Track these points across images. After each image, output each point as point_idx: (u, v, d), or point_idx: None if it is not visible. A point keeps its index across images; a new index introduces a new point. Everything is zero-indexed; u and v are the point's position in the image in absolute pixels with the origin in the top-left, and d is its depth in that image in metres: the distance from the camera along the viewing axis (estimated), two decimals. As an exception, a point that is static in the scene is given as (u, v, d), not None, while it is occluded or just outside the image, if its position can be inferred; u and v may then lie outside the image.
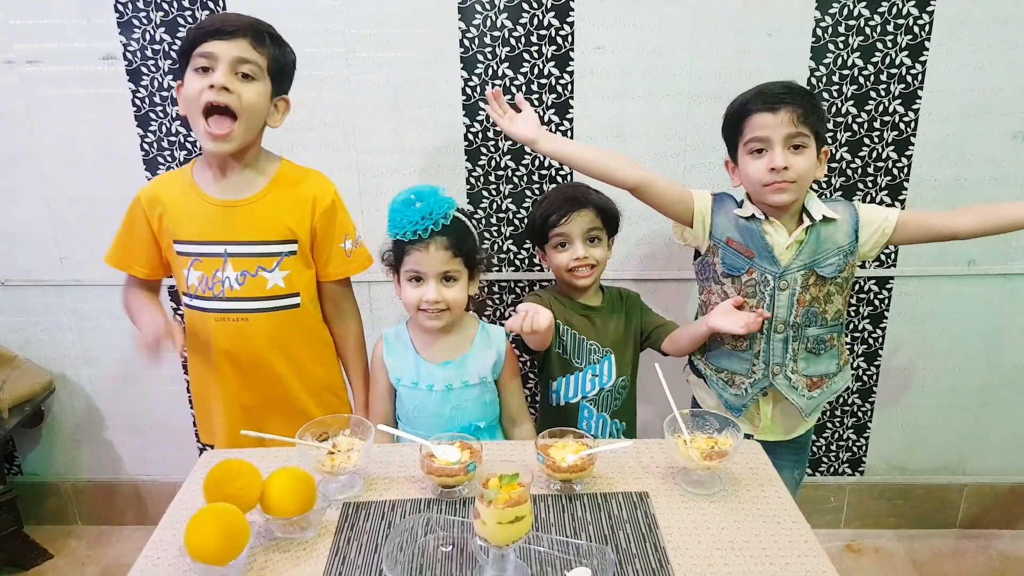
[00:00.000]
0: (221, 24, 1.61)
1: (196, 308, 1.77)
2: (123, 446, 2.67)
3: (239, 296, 1.73)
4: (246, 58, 1.61)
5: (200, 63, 1.60)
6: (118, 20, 2.16)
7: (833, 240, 1.78)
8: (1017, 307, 2.40)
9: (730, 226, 1.81)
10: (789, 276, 1.77)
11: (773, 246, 1.77)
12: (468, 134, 2.24)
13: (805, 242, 1.77)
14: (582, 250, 1.89)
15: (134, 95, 2.23)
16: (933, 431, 2.56)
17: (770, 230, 1.78)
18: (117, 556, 2.61)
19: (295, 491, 1.34)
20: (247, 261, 1.72)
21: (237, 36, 1.60)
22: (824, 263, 1.77)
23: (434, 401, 1.77)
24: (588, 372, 1.96)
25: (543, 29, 2.14)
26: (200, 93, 1.60)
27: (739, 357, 1.86)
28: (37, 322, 2.51)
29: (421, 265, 1.70)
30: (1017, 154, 2.23)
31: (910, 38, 2.13)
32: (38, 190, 2.34)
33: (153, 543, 1.37)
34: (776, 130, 1.70)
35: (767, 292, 1.78)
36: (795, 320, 1.79)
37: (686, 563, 1.29)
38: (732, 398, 1.89)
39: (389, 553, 1.29)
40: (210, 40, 1.59)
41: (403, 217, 1.68)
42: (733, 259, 1.80)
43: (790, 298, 1.78)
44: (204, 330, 1.77)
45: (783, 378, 1.83)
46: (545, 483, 1.50)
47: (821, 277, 1.78)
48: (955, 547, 2.59)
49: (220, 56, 1.59)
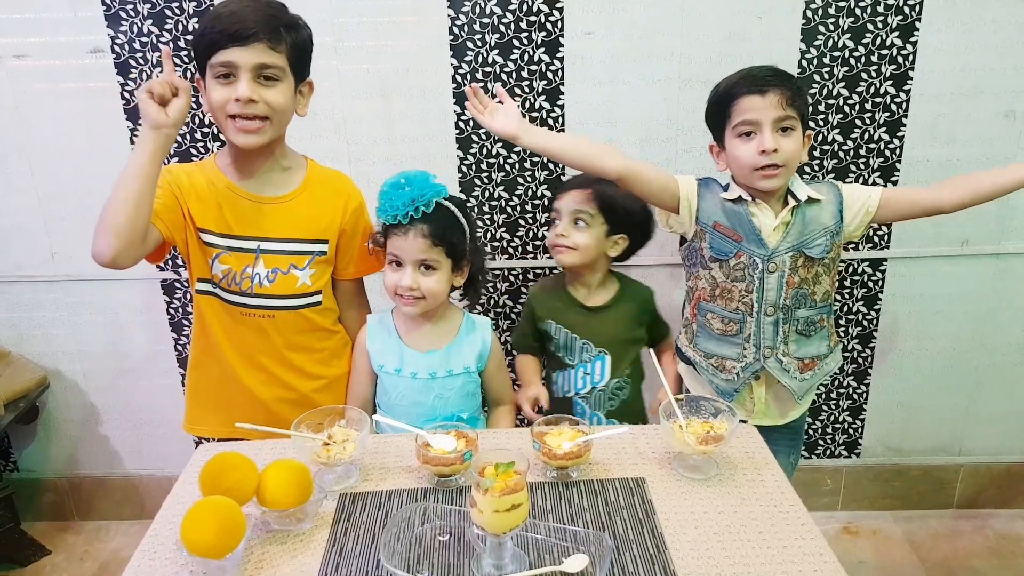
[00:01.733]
0: (237, 28, 1.54)
1: (219, 297, 1.75)
2: (118, 441, 2.67)
3: (268, 293, 1.73)
4: (267, 63, 1.58)
5: (221, 71, 1.57)
6: (105, 13, 2.14)
7: (819, 221, 1.78)
8: (1011, 287, 2.41)
9: (716, 210, 1.80)
10: (777, 258, 1.77)
11: (760, 228, 1.77)
12: (459, 122, 2.23)
13: (792, 223, 1.77)
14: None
15: (123, 88, 2.22)
16: (928, 412, 2.57)
17: (757, 212, 1.78)
18: (115, 551, 2.61)
19: (291, 483, 1.34)
20: (280, 259, 1.72)
21: (254, 40, 1.55)
22: (812, 244, 1.77)
23: (416, 389, 1.76)
24: (580, 370, 1.96)
25: (532, 15, 2.13)
26: (226, 103, 1.58)
27: (729, 341, 1.85)
28: (30, 318, 2.50)
29: (399, 250, 1.70)
30: (1008, 134, 2.23)
31: (900, 19, 2.13)
32: (28, 185, 2.33)
33: (150, 537, 1.37)
34: (765, 112, 1.69)
35: (755, 275, 1.78)
36: (784, 302, 1.79)
37: (684, 548, 1.29)
38: (723, 383, 1.89)
39: (386, 543, 1.28)
40: (228, 47, 1.55)
41: (388, 200, 1.68)
42: (721, 243, 1.80)
43: (779, 280, 1.78)
44: (222, 321, 1.76)
45: (775, 361, 1.83)
46: (541, 470, 1.50)
47: (809, 258, 1.78)
48: (952, 527, 2.60)
49: (240, 65, 1.56)
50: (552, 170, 2.27)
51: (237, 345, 1.77)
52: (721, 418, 1.51)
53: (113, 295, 2.45)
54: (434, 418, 1.74)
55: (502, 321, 2.44)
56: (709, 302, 1.86)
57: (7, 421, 2.34)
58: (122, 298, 2.45)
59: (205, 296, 1.76)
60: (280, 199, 1.72)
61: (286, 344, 1.78)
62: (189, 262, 1.75)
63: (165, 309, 2.45)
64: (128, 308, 2.46)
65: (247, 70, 1.56)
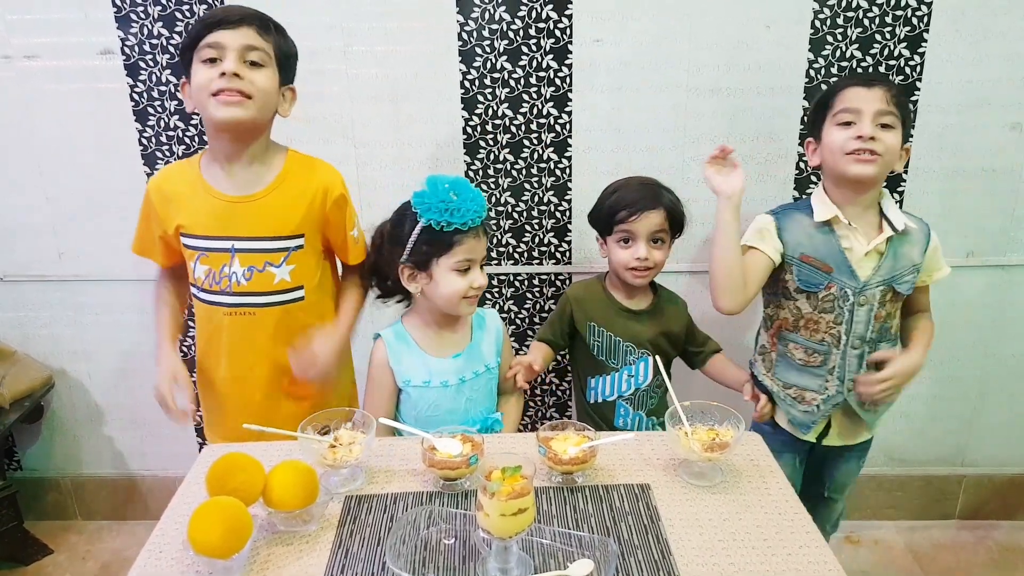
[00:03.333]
0: (225, 15, 1.62)
1: (205, 301, 1.77)
2: (123, 441, 2.67)
3: (246, 291, 1.73)
4: (254, 45, 1.62)
5: (208, 54, 1.60)
6: (116, 14, 2.15)
7: (909, 257, 1.79)
8: (1016, 298, 2.40)
9: (804, 240, 1.78)
10: (868, 292, 1.75)
11: (851, 258, 1.75)
12: (467, 127, 2.24)
13: (885, 256, 1.76)
14: (644, 251, 1.87)
15: (132, 90, 2.23)
16: (932, 422, 2.57)
17: (848, 236, 1.76)
18: (117, 551, 2.61)
19: (297, 485, 1.35)
20: (254, 257, 1.72)
21: (243, 25, 1.61)
22: (901, 280, 1.77)
23: (449, 396, 1.75)
24: (624, 372, 1.96)
25: (541, 22, 2.14)
26: (210, 81, 1.60)
27: (812, 373, 1.84)
28: (36, 317, 2.50)
29: (474, 252, 1.69)
30: (1015, 145, 2.23)
31: (908, 29, 2.13)
32: (37, 185, 2.33)
33: (156, 537, 1.37)
34: (868, 104, 1.70)
35: (846, 307, 1.76)
36: (871, 335, 1.78)
37: (688, 555, 1.29)
38: (801, 415, 1.87)
39: (392, 546, 1.29)
40: (216, 30, 1.59)
41: (453, 206, 1.63)
42: (809, 275, 1.77)
43: (868, 314, 1.76)
44: (214, 323, 1.77)
45: (855, 394, 1.83)
46: (547, 475, 1.50)
47: (897, 293, 1.77)
48: (954, 538, 2.60)
49: (228, 45, 1.59)
50: (559, 176, 2.27)
51: (230, 346, 1.78)
52: (726, 425, 1.52)
53: (119, 295, 2.45)
54: (467, 421, 1.74)
55: (507, 326, 2.44)
56: (792, 332, 1.85)
57: (12, 420, 2.35)
58: (128, 298, 2.45)
59: (198, 302, 1.79)
60: (251, 197, 1.71)
61: (273, 340, 1.77)
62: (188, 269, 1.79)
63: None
64: (134, 308, 2.46)
65: (234, 49, 1.60)
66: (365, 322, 1.93)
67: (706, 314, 2.03)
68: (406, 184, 2.27)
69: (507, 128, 2.23)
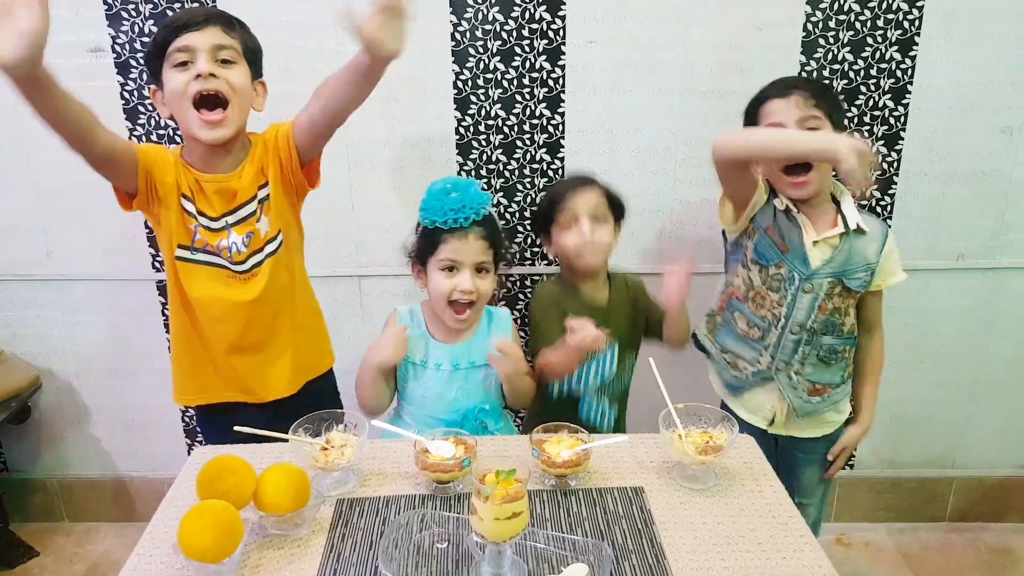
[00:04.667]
0: (190, 16, 1.61)
1: (202, 263, 1.73)
2: (110, 442, 2.65)
3: (245, 257, 1.73)
4: (223, 44, 1.62)
5: (179, 58, 1.60)
6: (106, 12, 2.14)
7: (863, 254, 1.78)
8: (1005, 301, 2.41)
9: (770, 215, 1.79)
10: (815, 280, 1.76)
11: (806, 244, 1.75)
12: (459, 128, 2.23)
13: (838, 250, 1.76)
14: (587, 226, 1.85)
15: (123, 88, 2.21)
16: (922, 425, 2.58)
17: (806, 224, 1.77)
18: (104, 553, 2.59)
19: (289, 488, 1.34)
20: (246, 225, 1.72)
21: (209, 24, 1.61)
22: (852, 275, 1.77)
23: (440, 381, 1.76)
24: (593, 364, 1.96)
25: (535, 23, 2.13)
26: (186, 85, 1.59)
27: (749, 344, 1.86)
28: (24, 317, 2.48)
29: (458, 254, 1.70)
30: (1006, 148, 2.24)
31: (900, 33, 2.14)
32: (25, 183, 2.31)
33: (146, 540, 1.36)
34: (788, 113, 1.70)
35: (790, 290, 1.77)
36: (812, 325, 1.79)
37: (683, 558, 1.29)
38: (731, 379, 1.91)
39: (384, 550, 1.28)
40: (183, 33, 1.59)
41: (442, 204, 1.69)
42: (766, 248, 1.79)
43: (812, 302, 1.77)
44: (209, 287, 1.74)
45: (785, 376, 1.84)
46: (540, 478, 1.49)
47: (847, 288, 1.78)
48: (944, 540, 2.61)
49: (198, 46, 1.59)
50: (551, 178, 2.27)
51: (228, 307, 1.75)
52: (720, 428, 1.52)
53: (108, 295, 2.44)
54: (457, 410, 1.75)
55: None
56: (741, 302, 1.87)
57: (-2, 421, 2.33)
58: (117, 298, 2.44)
59: (190, 264, 1.73)
60: (234, 175, 1.71)
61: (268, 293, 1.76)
62: (167, 227, 1.71)
63: (160, 310, 2.44)
64: (123, 309, 2.44)
65: (204, 50, 1.59)
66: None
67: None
68: (399, 184, 2.28)
69: (500, 129, 2.23)
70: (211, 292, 1.74)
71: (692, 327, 2.00)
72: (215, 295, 1.74)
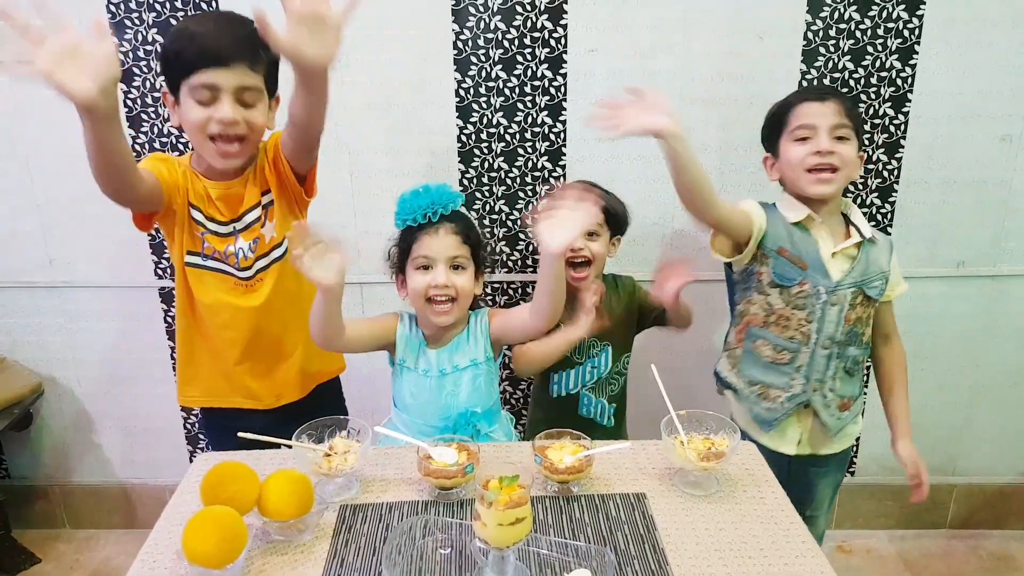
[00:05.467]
0: (218, 49, 1.55)
1: (210, 269, 1.74)
2: (112, 449, 2.65)
3: (251, 263, 1.74)
4: (248, 85, 1.59)
5: (202, 95, 1.56)
6: (110, 20, 2.15)
7: (878, 263, 1.81)
8: (1005, 308, 2.42)
9: (783, 234, 1.78)
10: (840, 292, 1.76)
11: (824, 257, 1.76)
12: (461, 136, 2.24)
13: (857, 259, 1.77)
14: (580, 243, 1.88)
15: (126, 96, 2.22)
16: (923, 431, 2.56)
17: (821, 238, 1.77)
18: (105, 560, 2.59)
19: (292, 494, 1.34)
20: (252, 230, 1.73)
21: (236, 61, 1.55)
22: (871, 284, 1.79)
23: (429, 387, 1.75)
24: (588, 365, 1.97)
25: (536, 31, 2.15)
26: (206, 123, 1.58)
27: (778, 370, 1.83)
28: (26, 324, 2.49)
29: (431, 250, 1.69)
30: (1005, 156, 2.25)
31: (900, 41, 2.15)
32: (27, 191, 2.32)
33: (149, 546, 1.35)
34: (823, 118, 1.72)
35: (818, 305, 1.76)
36: (840, 337, 1.78)
37: (685, 564, 1.29)
38: (764, 412, 1.86)
39: (387, 555, 1.28)
40: (208, 69, 1.54)
41: (412, 203, 1.70)
42: (785, 269, 1.77)
43: (839, 314, 1.77)
44: (216, 293, 1.75)
45: (820, 396, 1.82)
46: (542, 484, 1.50)
47: (867, 297, 1.78)
48: (945, 547, 2.61)
49: (222, 87, 1.56)
50: (553, 185, 2.28)
51: (236, 313, 1.76)
52: (722, 434, 1.52)
53: (110, 302, 2.44)
54: (448, 416, 1.74)
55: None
56: (762, 328, 1.84)
57: (0, 428, 2.33)
58: (119, 306, 2.44)
59: (200, 270, 1.75)
60: (239, 182, 1.72)
61: (273, 300, 1.77)
62: (178, 235, 1.72)
63: (163, 317, 2.44)
64: (125, 316, 2.45)
65: (228, 92, 1.56)
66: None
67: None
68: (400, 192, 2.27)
69: (501, 137, 2.24)
70: (218, 298, 1.75)
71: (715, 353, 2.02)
72: (222, 301, 1.74)
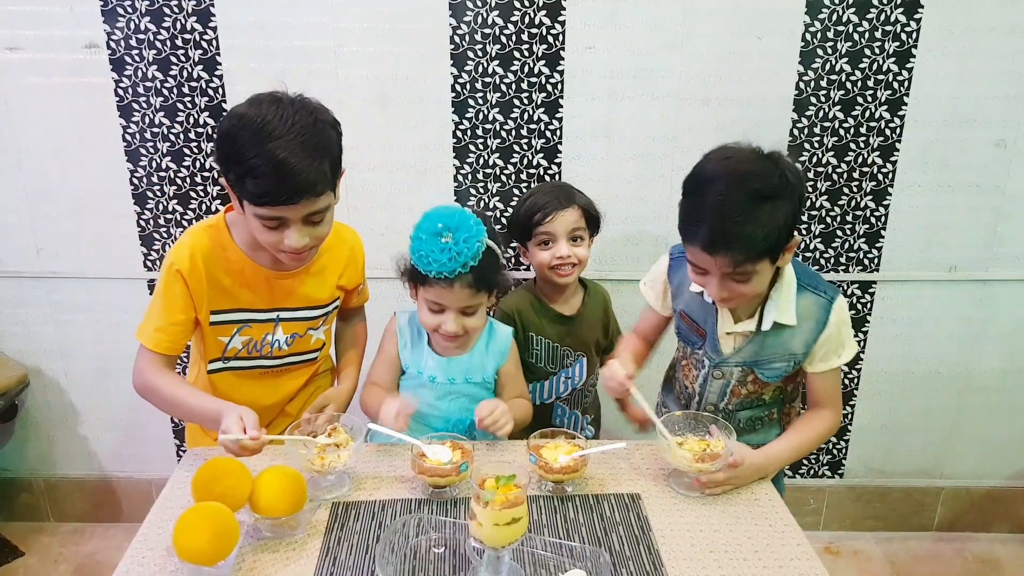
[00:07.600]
0: (287, 191, 1.41)
1: (234, 368, 1.70)
2: (98, 442, 2.62)
3: (285, 355, 1.73)
4: (315, 210, 1.48)
5: (269, 224, 1.47)
6: (102, 8, 2.12)
7: (785, 347, 1.60)
8: (996, 313, 2.43)
9: (687, 296, 1.69)
10: (725, 368, 1.67)
11: (720, 331, 1.64)
12: (456, 131, 2.23)
13: (750, 341, 1.62)
14: (566, 249, 1.88)
15: (117, 84, 2.19)
16: (912, 434, 2.59)
17: (722, 313, 1.63)
18: (90, 554, 2.56)
19: (285, 490, 1.33)
20: (298, 325, 1.71)
21: (303, 198, 1.43)
22: (766, 366, 1.64)
23: (434, 393, 1.73)
24: (562, 375, 1.97)
25: (534, 28, 2.13)
26: (276, 245, 1.51)
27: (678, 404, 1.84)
28: (12, 314, 2.45)
29: (443, 299, 1.61)
30: (999, 161, 2.25)
31: (897, 45, 2.15)
32: (15, 180, 2.29)
33: (138, 542, 1.34)
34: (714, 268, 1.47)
35: (702, 373, 1.71)
36: (728, 408, 1.71)
37: (680, 566, 1.29)
38: None
39: (381, 554, 1.27)
40: (277, 205, 1.43)
41: (430, 252, 1.55)
42: (686, 332, 1.73)
43: (723, 387, 1.69)
44: (237, 385, 1.72)
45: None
46: (537, 484, 1.49)
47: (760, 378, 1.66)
48: (932, 549, 2.62)
49: (290, 219, 1.47)
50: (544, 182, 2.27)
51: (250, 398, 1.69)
52: (717, 436, 1.51)
53: (98, 294, 2.41)
54: (448, 421, 1.73)
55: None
56: (677, 364, 1.86)
57: (-15, 419, 2.31)
58: (107, 297, 2.41)
59: (221, 373, 1.71)
60: (300, 272, 1.66)
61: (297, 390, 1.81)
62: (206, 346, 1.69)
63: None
64: (113, 308, 2.42)
65: (296, 220, 1.47)
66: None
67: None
68: (394, 187, 2.27)
69: (497, 133, 2.23)
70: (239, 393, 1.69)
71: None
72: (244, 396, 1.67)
